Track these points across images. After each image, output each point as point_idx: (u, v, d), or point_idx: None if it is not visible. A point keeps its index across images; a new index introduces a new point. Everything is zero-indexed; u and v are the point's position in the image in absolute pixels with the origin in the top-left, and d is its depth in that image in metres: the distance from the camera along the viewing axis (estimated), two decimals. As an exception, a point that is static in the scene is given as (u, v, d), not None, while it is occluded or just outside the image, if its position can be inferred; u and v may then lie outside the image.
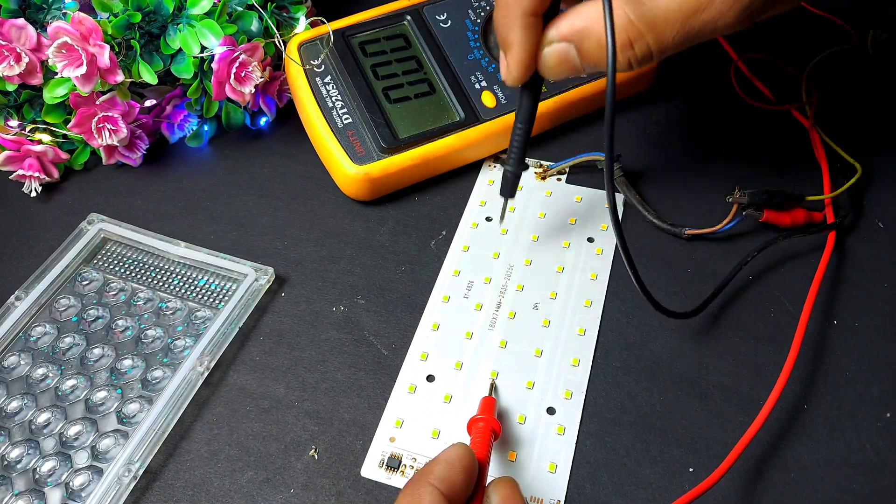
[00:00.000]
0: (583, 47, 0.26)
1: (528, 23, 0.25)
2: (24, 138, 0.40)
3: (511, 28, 0.26)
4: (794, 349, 0.30)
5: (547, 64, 0.27)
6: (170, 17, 0.38)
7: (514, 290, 0.35)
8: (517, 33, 0.26)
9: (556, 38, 0.26)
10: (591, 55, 0.26)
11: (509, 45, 0.26)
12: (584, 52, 0.26)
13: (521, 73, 0.27)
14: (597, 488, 0.29)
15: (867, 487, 0.29)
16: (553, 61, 0.27)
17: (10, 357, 0.34)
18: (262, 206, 0.40)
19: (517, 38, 0.26)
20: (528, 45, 0.26)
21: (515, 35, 0.26)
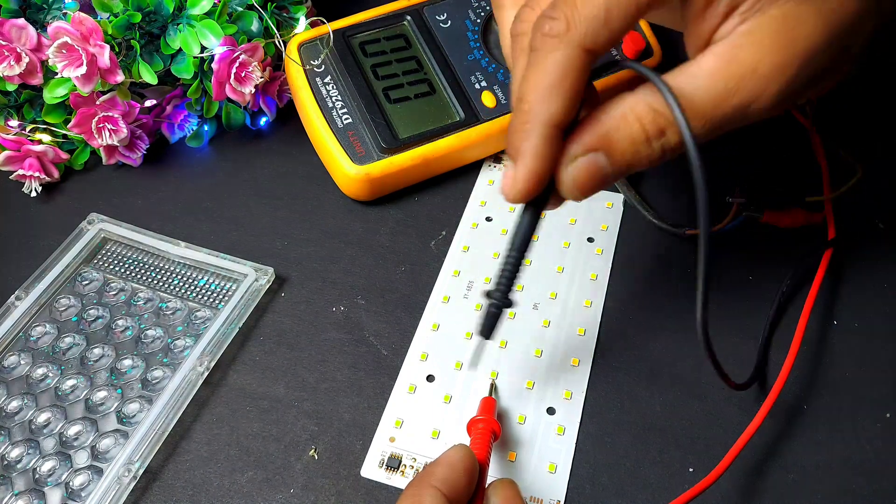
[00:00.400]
0: (613, 151, 0.23)
1: (550, 134, 0.22)
2: (24, 138, 0.40)
3: (528, 137, 0.23)
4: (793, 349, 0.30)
5: (576, 181, 0.23)
6: (170, 18, 0.38)
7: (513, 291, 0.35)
8: (535, 143, 0.22)
9: (580, 151, 0.23)
10: (623, 155, 0.23)
11: (523, 155, 0.23)
12: (614, 156, 0.23)
13: (532, 188, 0.23)
14: (597, 488, 0.29)
15: (867, 488, 0.29)
16: (584, 176, 0.23)
17: (11, 357, 0.34)
18: (263, 206, 0.40)
19: (534, 149, 0.23)
20: (547, 157, 0.23)
21: (532, 145, 0.23)
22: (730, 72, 0.22)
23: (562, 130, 0.23)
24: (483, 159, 0.41)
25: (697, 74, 0.22)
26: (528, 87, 0.22)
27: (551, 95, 0.22)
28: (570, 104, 0.22)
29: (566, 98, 0.22)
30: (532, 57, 0.23)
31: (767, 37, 0.22)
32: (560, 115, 0.22)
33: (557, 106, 0.22)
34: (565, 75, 0.22)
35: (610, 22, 0.22)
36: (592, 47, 0.22)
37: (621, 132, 0.23)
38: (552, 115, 0.22)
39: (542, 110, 0.22)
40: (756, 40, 0.22)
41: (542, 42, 0.22)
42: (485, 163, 0.41)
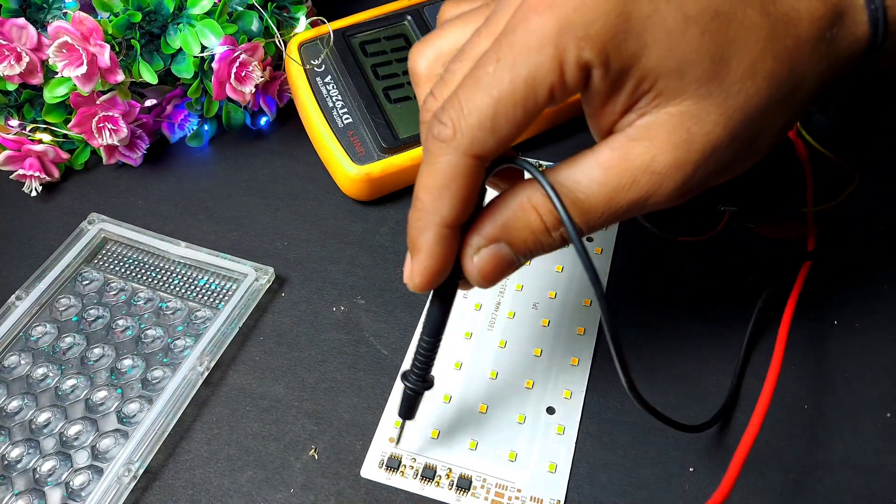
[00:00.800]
0: (514, 240, 0.23)
1: (443, 234, 0.22)
2: (24, 138, 0.40)
3: (422, 233, 0.23)
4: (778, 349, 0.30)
5: (481, 271, 0.23)
6: (170, 17, 0.38)
7: (513, 290, 0.35)
8: (429, 241, 0.23)
9: (482, 243, 0.23)
10: (525, 244, 0.23)
11: (418, 251, 0.23)
12: (516, 245, 0.23)
13: (429, 281, 0.23)
14: (596, 488, 0.29)
15: (866, 489, 0.29)
16: (488, 266, 0.23)
17: (11, 357, 0.34)
18: (263, 206, 0.40)
19: (428, 247, 0.23)
20: (441, 255, 0.23)
21: (427, 242, 0.23)
22: (623, 167, 0.21)
23: (456, 229, 0.23)
24: (483, 159, 0.41)
25: (593, 168, 0.22)
26: (420, 185, 0.22)
27: (442, 197, 0.22)
28: (462, 205, 0.22)
29: (457, 200, 0.22)
30: (425, 155, 0.22)
31: (663, 134, 0.21)
32: (451, 216, 0.22)
33: (449, 207, 0.22)
34: (454, 178, 0.21)
35: (497, 130, 0.21)
36: (480, 154, 0.21)
37: (520, 222, 0.23)
38: (444, 217, 0.22)
39: (434, 210, 0.22)
40: (652, 136, 0.21)
41: (432, 144, 0.22)
42: (485, 163, 0.41)
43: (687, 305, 0.35)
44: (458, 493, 0.29)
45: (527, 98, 0.20)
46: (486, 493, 0.29)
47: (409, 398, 0.28)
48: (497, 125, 0.21)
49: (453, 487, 0.29)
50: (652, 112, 0.21)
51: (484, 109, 0.21)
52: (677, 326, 0.34)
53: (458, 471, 0.30)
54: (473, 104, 0.21)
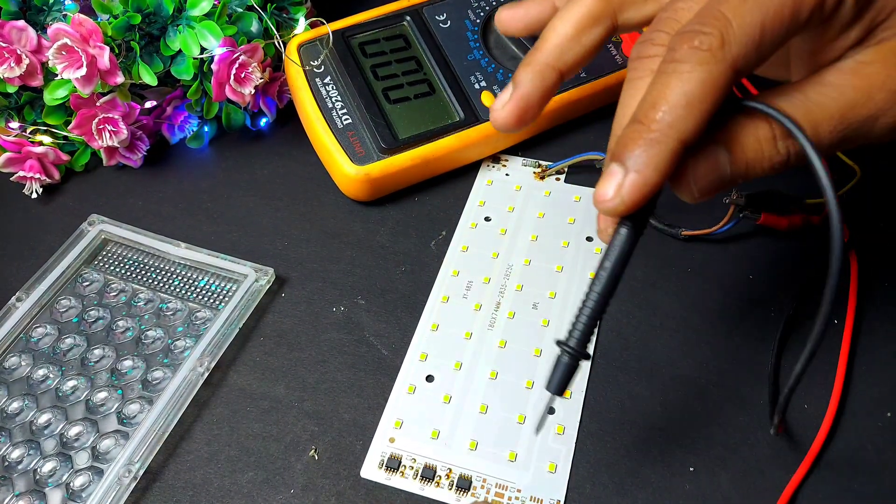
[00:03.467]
0: (735, 146, 0.22)
1: (678, 150, 0.21)
2: (24, 140, 0.40)
3: (653, 147, 0.21)
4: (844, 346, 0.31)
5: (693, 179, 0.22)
6: (170, 19, 0.38)
7: (513, 290, 0.35)
8: (660, 156, 0.21)
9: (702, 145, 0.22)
10: (745, 153, 0.22)
11: (643, 166, 0.21)
12: (736, 153, 0.22)
13: (639, 201, 0.21)
14: (597, 488, 0.29)
15: (868, 487, 0.29)
16: (702, 173, 0.22)
17: (11, 358, 0.34)
18: (263, 207, 0.40)
19: (657, 162, 0.21)
20: (666, 173, 0.21)
21: (656, 157, 0.21)
22: (857, 84, 0.22)
23: (686, 149, 0.21)
24: (482, 159, 0.41)
25: (825, 86, 0.22)
26: (663, 98, 0.21)
27: (691, 110, 0.20)
28: (705, 124, 0.21)
29: (704, 116, 0.21)
30: (672, 68, 0.21)
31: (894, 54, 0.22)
32: (694, 133, 0.21)
33: (693, 124, 0.21)
34: (709, 93, 0.20)
35: (762, 47, 0.21)
36: (742, 68, 0.21)
37: (748, 130, 0.22)
38: (687, 131, 0.21)
39: (679, 123, 0.20)
40: (886, 59, 0.22)
41: (690, 55, 0.20)
42: (483, 163, 0.41)
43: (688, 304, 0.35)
44: (458, 493, 0.29)
45: (792, 18, 0.21)
46: (486, 493, 0.29)
47: (569, 368, 0.24)
48: (763, 42, 0.21)
49: (453, 487, 0.29)
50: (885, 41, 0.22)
51: (754, 24, 0.20)
52: (678, 325, 0.34)
53: (458, 471, 0.30)
54: (743, 18, 0.20)
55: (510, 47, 0.42)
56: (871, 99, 0.22)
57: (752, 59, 0.21)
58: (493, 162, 0.41)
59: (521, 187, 0.40)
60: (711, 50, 0.20)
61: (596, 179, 0.39)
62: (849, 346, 0.32)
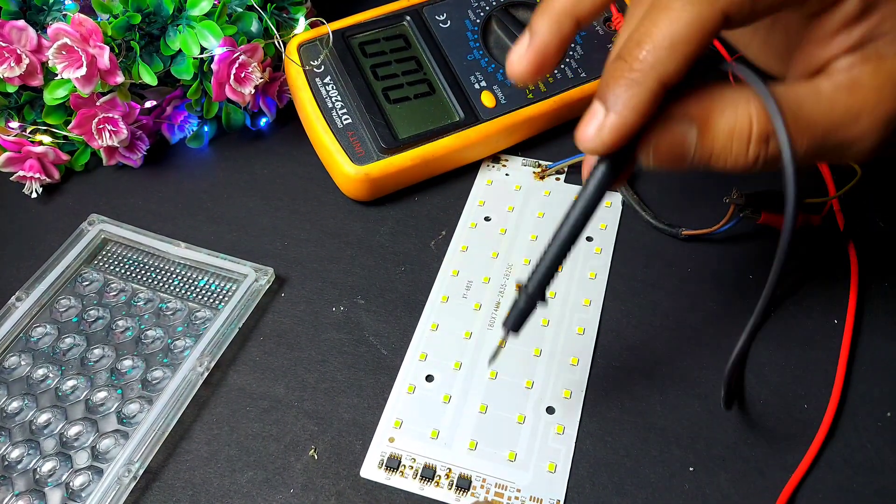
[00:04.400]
0: (706, 133, 0.21)
1: (658, 91, 0.20)
2: (24, 139, 0.40)
3: (634, 87, 0.20)
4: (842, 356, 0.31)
5: (654, 144, 0.22)
6: (169, 19, 0.38)
7: (513, 290, 0.35)
8: (641, 96, 0.20)
9: (676, 115, 0.22)
10: (711, 144, 0.22)
11: (623, 105, 0.21)
12: (704, 139, 0.22)
13: (618, 141, 0.21)
14: (597, 488, 0.29)
15: (867, 487, 0.29)
16: (665, 143, 0.22)
17: (11, 357, 0.34)
18: (262, 207, 0.40)
19: (637, 102, 0.20)
20: (645, 114, 0.21)
21: (637, 97, 0.20)
22: (849, 103, 0.21)
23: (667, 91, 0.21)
24: (482, 159, 0.41)
25: (817, 95, 0.22)
26: (649, 36, 0.20)
27: (675, 51, 0.20)
28: (688, 67, 0.20)
29: (688, 59, 0.20)
30: (663, 3, 0.20)
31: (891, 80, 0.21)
32: (676, 74, 0.20)
33: (677, 65, 0.20)
34: (696, 35, 0.20)
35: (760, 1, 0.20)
36: (733, 15, 0.20)
37: (726, 118, 0.21)
38: (668, 73, 0.20)
39: (658, 64, 0.20)
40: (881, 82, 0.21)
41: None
42: (483, 163, 0.41)
43: (688, 304, 0.35)
44: (458, 493, 0.29)
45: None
46: (485, 493, 0.29)
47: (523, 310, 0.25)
48: None
49: (453, 487, 0.29)
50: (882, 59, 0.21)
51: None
52: (678, 325, 0.34)
53: (458, 471, 0.30)
54: None
55: (510, 47, 0.42)
56: (858, 123, 0.21)
57: (746, 10, 0.20)
58: (492, 162, 0.41)
59: (520, 187, 0.40)
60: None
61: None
62: (849, 346, 0.32)
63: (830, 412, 0.30)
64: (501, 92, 0.40)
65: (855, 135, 0.22)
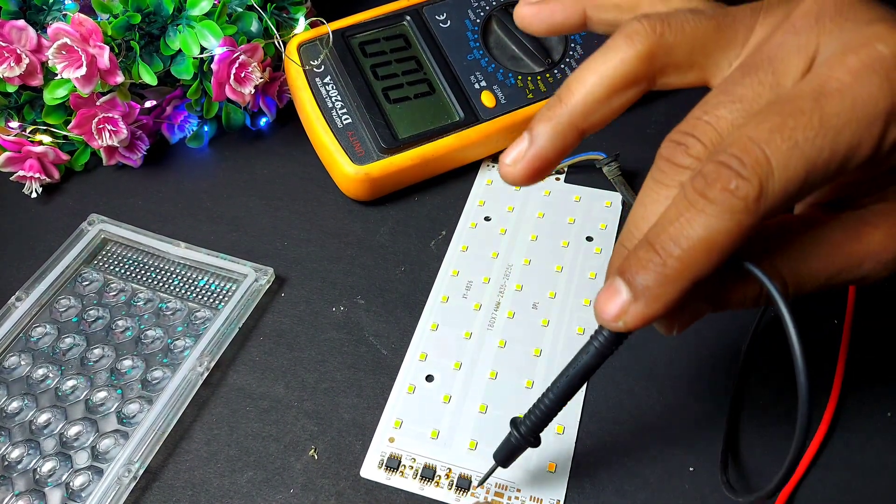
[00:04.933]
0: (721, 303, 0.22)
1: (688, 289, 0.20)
2: (24, 139, 0.40)
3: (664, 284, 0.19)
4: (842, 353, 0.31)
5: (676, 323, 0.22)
6: (169, 18, 0.38)
7: (513, 290, 0.35)
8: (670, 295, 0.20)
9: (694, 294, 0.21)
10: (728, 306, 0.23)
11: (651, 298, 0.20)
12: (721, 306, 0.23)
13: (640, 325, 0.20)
14: (597, 488, 0.29)
15: (867, 487, 0.29)
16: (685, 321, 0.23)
17: (11, 357, 0.34)
18: (262, 207, 0.40)
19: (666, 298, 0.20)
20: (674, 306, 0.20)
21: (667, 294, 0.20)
22: (855, 251, 0.21)
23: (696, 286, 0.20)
24: (482, 159, 0.41)
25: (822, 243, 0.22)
26: (685, 236, 0.19)
27: (711, 255, 0.19)
28: (721, 265, 0.19)
29: (723, 260, 0.19)
30: (701, 205, 0.19)
31: None
32: (708, 274, 0.19)
33: (712, 266, 0.19)
34: (735, 240, 0.19)
35: (798, 196, 0.19)
36: (771, 216, 0.19)
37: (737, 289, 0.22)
38: (702, 273, 0.19)
39: (695, 267, 0.19)
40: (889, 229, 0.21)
41: (722, 198, 0.18)
42: (483, 163, 0.41)
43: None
44: (458, 492, 0.29)
45: (837, 170, 0.19)
46: (485, 492, 0.29)
47: (513, 448, 0.26)
48: (801, 193, 0.19)
49: (453, 487, 0.29)
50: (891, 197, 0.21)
51: (797, 177, 0.18)
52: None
53: (458, 471, 0.30)
54: (787, 169, 0.18)
55: (510, 47, 0.42)
56: (860, 267, 0.21)
57: (784, 209, 0.19)
58: (493, 162, 0.41)
59: (520, 187, 0.40)
60: (746, 200, 0.18)
61: (596, 179, 0.40)
62: (848, 345, 0.32)
63: (829, 412, 0.30)
64: (501, 92, 0.40)
65: (856, 277, 0.22)
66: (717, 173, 0.19)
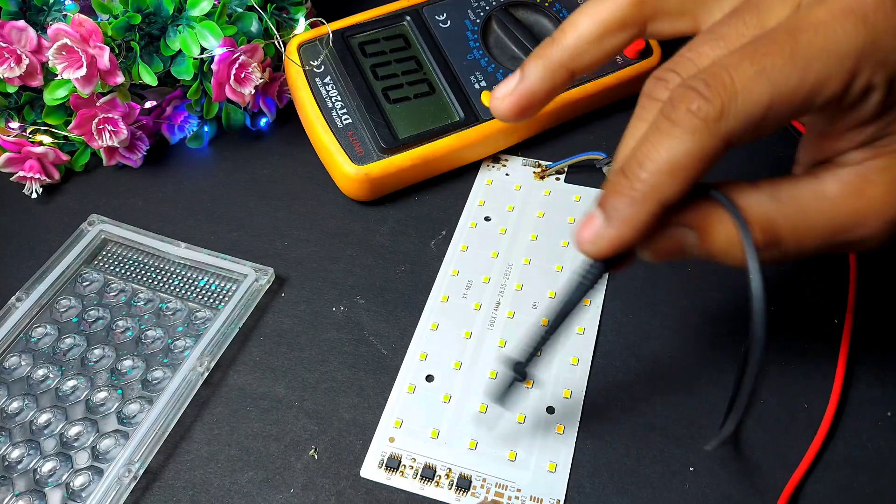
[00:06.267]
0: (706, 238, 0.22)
1: (658, 212, 0.21)
2: (24, 140, 0.40)
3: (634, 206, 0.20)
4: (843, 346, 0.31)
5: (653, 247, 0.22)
6: (170, 19, 0.38)
7: (513, 290, 0.35)
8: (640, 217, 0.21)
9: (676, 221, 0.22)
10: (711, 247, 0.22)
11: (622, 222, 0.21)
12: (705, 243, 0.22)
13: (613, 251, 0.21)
14: (597, 488, 0.29)
15: (867, 487, 0.29)
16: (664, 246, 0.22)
17: (11, 358, 0.34)
18: (262, 207, 0.40)
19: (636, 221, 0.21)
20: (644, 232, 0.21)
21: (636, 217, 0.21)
22: (856, 206, 0.21)
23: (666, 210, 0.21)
24: (482, 159, 0.41)
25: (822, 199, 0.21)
26: (650, 158, 0.20)
27: (675, 177, 0.20)
28: (688, 189, 0.20)
29: (689, 183, 0.20)
30: (666, 127, 0.20)
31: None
32: (675, 196, 0.20)
33: (678, 189, 0.20)
34: (696, 164, 0.20)
35: (766, 121, 0.19)
36: (735, 143, 0.20)
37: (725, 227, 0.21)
38: (668, 197, 0.20)
39: (660, 188, 0.20)
40: (890, 185, 0.21)
41: (684, 119, 0.19)
42: (483, 163, 0.41)
43: (688, 304, 0.35)
44: (458, 493, 0.29)
45: (803, 102, 0.19)
46: (485, 492, 0.29)
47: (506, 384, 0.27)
48: (765, 121, 0.19)
49: (453, 487, 0.29)
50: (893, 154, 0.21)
51: (760, 103, 0.19)
52: (678, 325, 0.34)
53: (458, 471, 0.30)
54: (750, 93, 0.19)
55: (510, 47, 0.42)
56: (863, 225, 0.21)
57: (748, 136, 0.20)
58: (493, 162, 0.41)
59: (521, 187, 0.40)
60: (707, 120, 0.19)
61: (596, 179, 0.40)
62: (848, 345, 0.32)
63: (830, 412, 0.30)
64: (501, 92, 0.40)
65: (859, 236, 0.21)
66: (683, 96, 0.20)
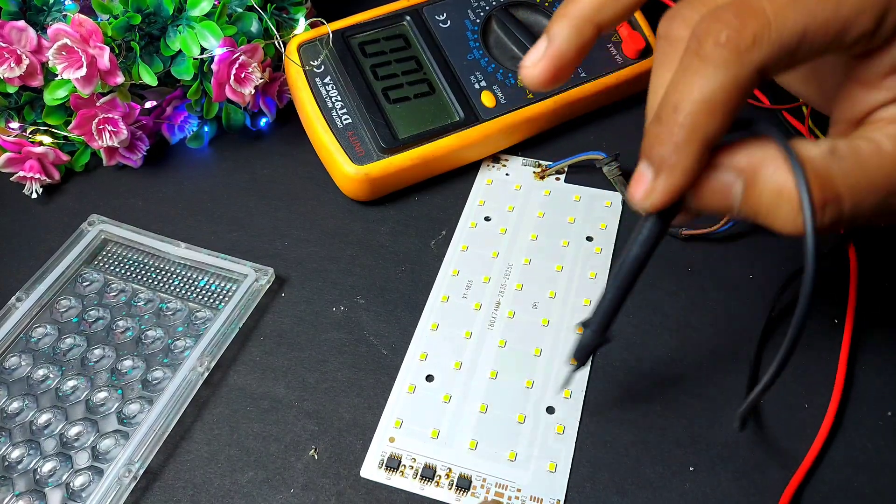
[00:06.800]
0: (753, 188, 0.20)
1: (704, 153, 0.20)
2: (24, 140, 0.40)
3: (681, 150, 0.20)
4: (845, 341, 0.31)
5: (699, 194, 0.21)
6: (170, 19, 0.38)
7: (513, 290, 0.35)
8: (688, 159, 0.20)
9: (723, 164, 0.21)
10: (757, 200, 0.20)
11: (671, 169, 0.20)
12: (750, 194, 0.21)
13: (669, 201, 0.21)
14: (597, 488, 0.29)
15: (867, 487, 0.29)
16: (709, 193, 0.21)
17: (12, 358, 0.34)
18: (263, 207, 0.40)
19: (685, 165, 0.20)
20: (694, 174, 0.20)
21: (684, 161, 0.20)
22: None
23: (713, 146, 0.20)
24: (482, 159, 0.41)
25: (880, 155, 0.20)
26: (687, 99, 0.20)
27: (715, 113, 0.19)
28: (729, 124, 0.20)
29: (728, 117, 0.20)
30: (695, 65, 0.19)
31: None
32: (719, 134, 0.20)
33: (718, 125, 0.20)
34: (734, 95, 0.19)
35: (796, 55, 0.19)
36: (769, 73, 0.19)
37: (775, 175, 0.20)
38: (710, 134, 0.20)
39: (702, 127, 0.20)
40: None
41: (714, 53, 0.19)
42: (483, 162, 0.41)
43: (688, 304, 0.35)
44: (458, 492, 0.29)
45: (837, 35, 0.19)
46: (485, 492, 0.29)
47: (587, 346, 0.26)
48: (799, 51, 0.19)
49: (453, 487, 0.29)
50: None
51: (795, 30, 0.19)
52: (678, 325, 0.34)
53: (458, 470, 0.30)
54: (785, 21, 0.18)
55: (510, 47, 0.42)
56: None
57: (782, 66, 0.19)
58: (493, 162, 0.41)
59: (521, 187, 0.40)
60: (738, 51, 0.19)
61: (596, 179, 0.40)
62: (849, 345, 0.32)
63: (831, 412, 0.30)
64: (501, 92, 0.40)
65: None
66: (709, 29, 0.19)
